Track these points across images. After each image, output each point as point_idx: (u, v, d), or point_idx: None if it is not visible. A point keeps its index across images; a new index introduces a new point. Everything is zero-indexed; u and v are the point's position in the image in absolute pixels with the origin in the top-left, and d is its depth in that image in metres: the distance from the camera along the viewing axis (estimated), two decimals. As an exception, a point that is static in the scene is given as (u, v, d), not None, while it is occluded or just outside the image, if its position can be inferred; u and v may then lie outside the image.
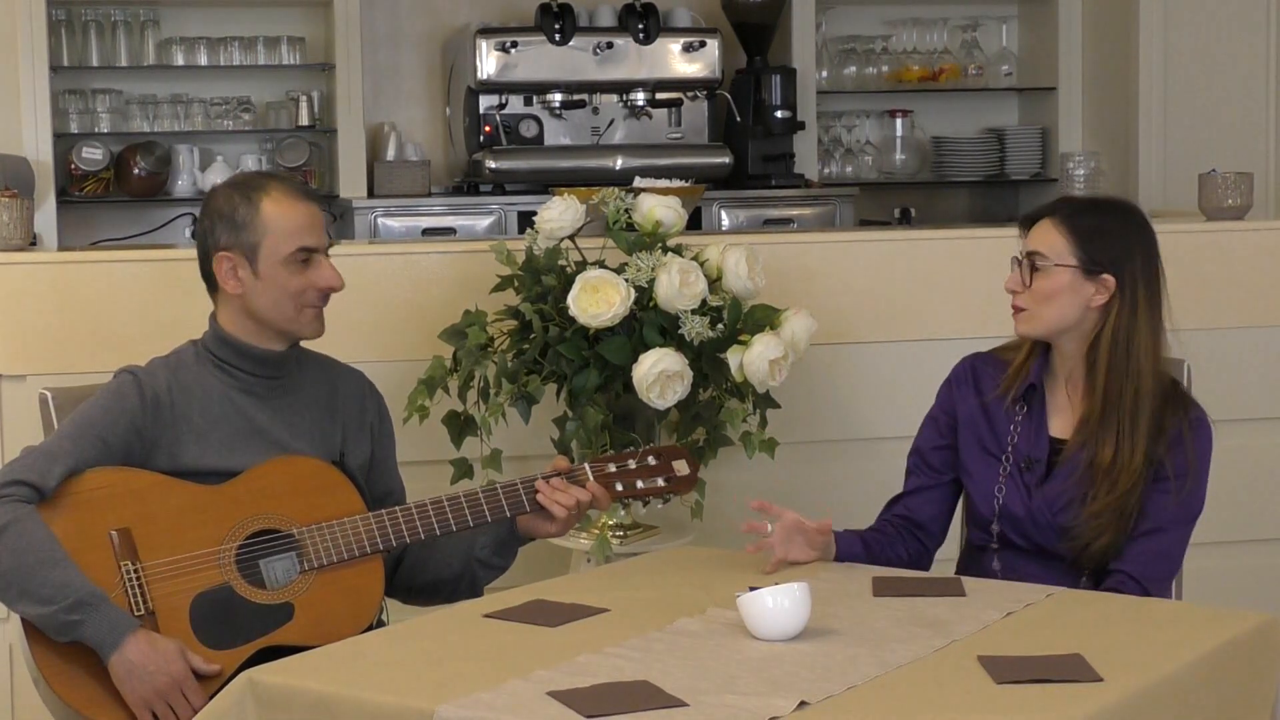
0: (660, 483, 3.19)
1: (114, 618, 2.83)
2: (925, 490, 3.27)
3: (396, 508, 3.07)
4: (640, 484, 3.18)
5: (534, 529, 3.15)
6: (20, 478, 2.89)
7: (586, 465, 3.16)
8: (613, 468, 3.17)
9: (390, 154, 6.61)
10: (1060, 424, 3.17)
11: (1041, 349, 3.18)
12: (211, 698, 2.56)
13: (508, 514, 3.10)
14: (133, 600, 2.88)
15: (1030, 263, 3.11)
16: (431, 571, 3.21)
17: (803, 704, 2.28)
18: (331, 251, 3.15)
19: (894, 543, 3.22)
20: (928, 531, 3.27)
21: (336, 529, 3.01)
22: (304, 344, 3.16)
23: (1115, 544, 3.08)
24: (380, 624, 3.13)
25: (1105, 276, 3.09)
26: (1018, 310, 3.14)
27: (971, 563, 3.23)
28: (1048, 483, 3.14)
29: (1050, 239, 3.11)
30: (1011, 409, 3.19)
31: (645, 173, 4.40)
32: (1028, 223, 3.17)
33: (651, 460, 3.19)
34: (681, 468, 3.21)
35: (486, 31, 6.45)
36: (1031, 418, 3.17)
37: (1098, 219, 3.13)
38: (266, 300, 3.06)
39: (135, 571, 2.89)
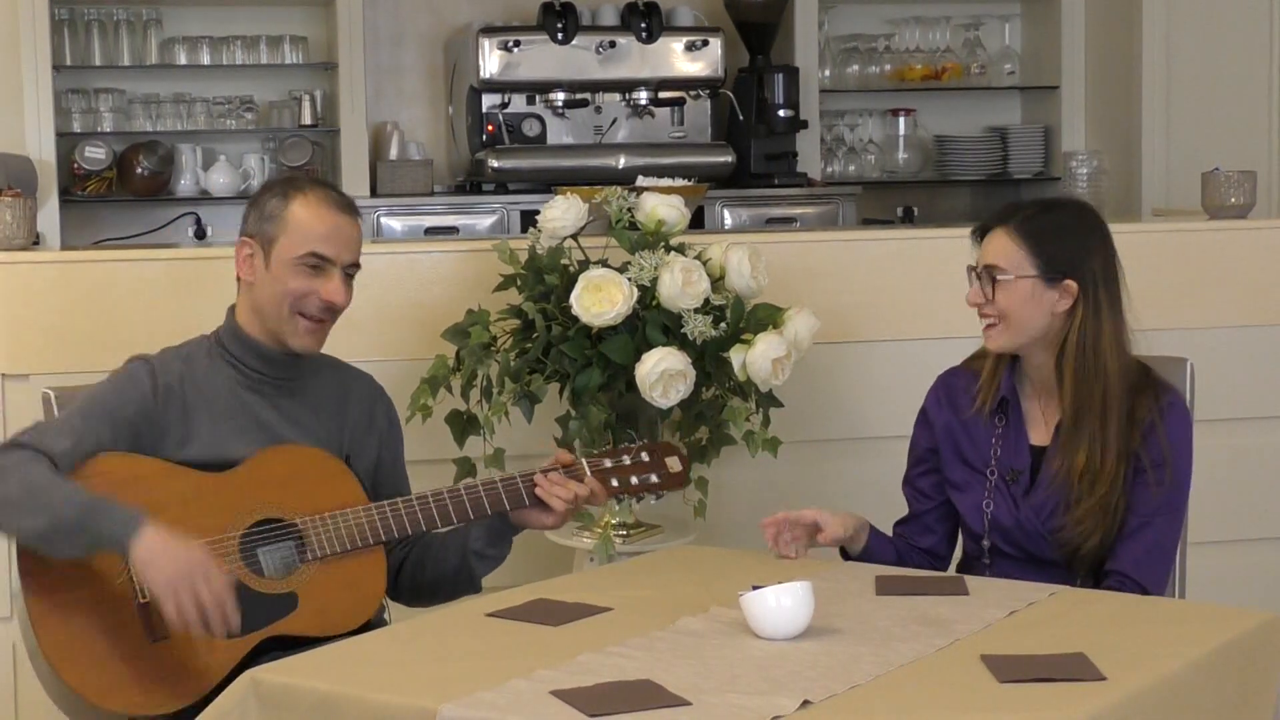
0: (653, 479, 3.21)
1: (126, 511, 2.82)
2: (922, 517, 3.29)
3: (399, 499, 3.07)
4: (634, 480, 3.20)
5: (530, 520, 3.16)
6: (25, 441, 2.91)
7: (584, 461, 3.17)
8: (608, 463, 3.18)
9: (393, 153, 6.62)
10: (1038, 432, 3.16)
11: (1009, 359, 3.17)
12: (215, 695, 2.56)
13: (507, 507, 3.11)
14: (139, 587, 2.88)
15: (989, 276, 3.08)
16: (431, 569, 3.21)
17: (806, 703, 2.28)
18: None
19: (914, 551, 3.26)
20: (935, 555, 3.29)
21: (339, 519, 3.01)
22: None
23: (1105, 542, 3.08)
24: (382, 622, 3.14)
25: (1067, 282, 3.07)
26: (987, 325, 3.11)
27: (970, 574, 3.22)
28: (1033, 492, 3.13)
29: (1007, 250, 3.07)
30: (989, 422, 3.18)
31: (648, 172, 4.40)
32: (980, 232, 3.14)
33: (644, 456, 3.22)
34: (674, 464, 3.23)
35: (489, 30, 6.45)
36: (1010, 429, 3.17)
37: (1052, 223, 3.09)
38: (267, 295, 3.07)
39: None
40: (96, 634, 2.85)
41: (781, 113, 6.63)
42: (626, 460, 3.20)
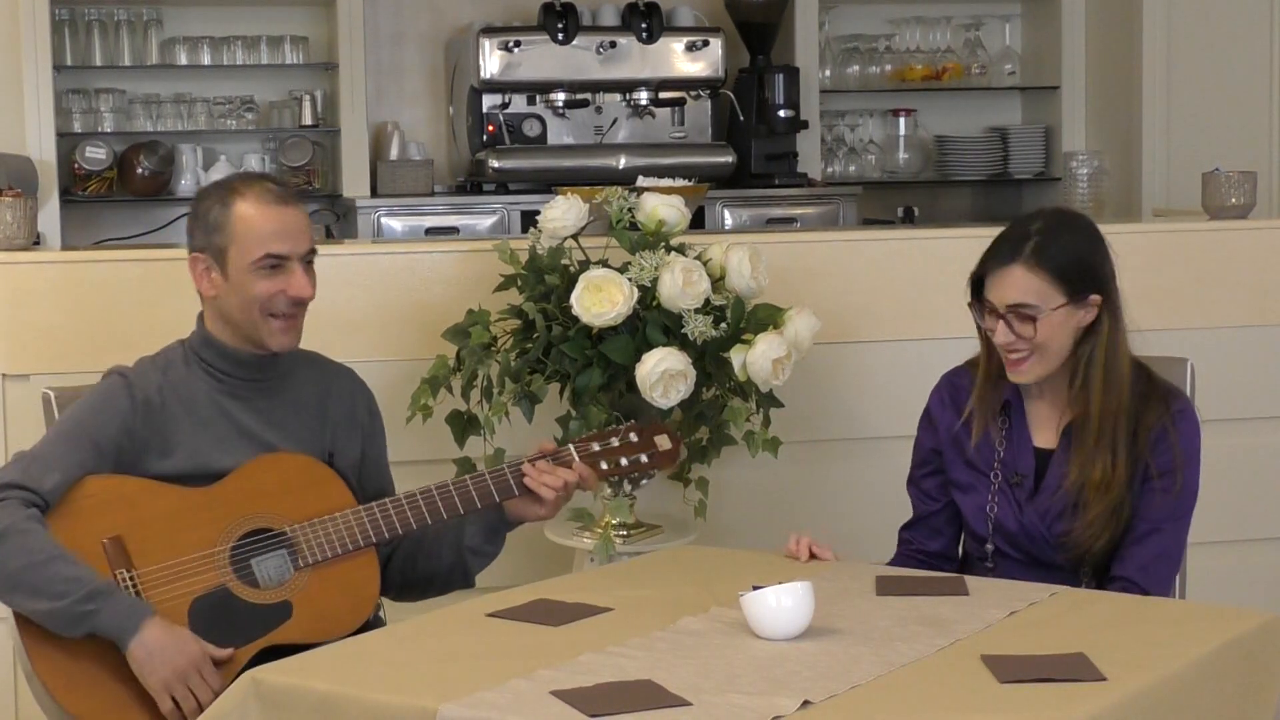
0: (643, 459, 3.20)
1: (129, 605, 2.83)
2: (929, 519, 3.27)
3: (387, 500, 3.06)
4: (624, 461, 3.19)
5: (523, 513, 3.15)
6: (15, 481, 2.90)
7: (571, 446, 3.16)
8: (596, 446, 3.17)
9: (393, 153, 6.61)
10: (1043, 435, 3.15)
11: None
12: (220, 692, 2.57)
13: (496, 499, 3.10)
14: None
15: (1019, 315, 3.02)
16: (423, 565, 3.20)
17: (806, 703, 2.28)
18: (333, 251, 3.15)
19: (925, 559, 3.24)
20: (945, 558, 3.27)
21: (329, 524, 3.00)
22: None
23: (1110, 546, 3.08)
24: (378, 621, 3.14)
25: (1092, 298, 3.06)
26: (1018, 359, 3.05)
27: (971, 574, 3.21)
28: (1038, 495, 3.13)
29: (1033, 286, 3.02)
30: (994, 425, 3.17)
31: (648, 172, 4.40)
32: (977, 279, 3.08)
33: (633, 437, 3.21)
34: (663, 442, 3.22)
35: (489, 31, 6.45)
36: (1013, 431, 3.16)
37: (1060, 243, 3.04)
38: (235, 304, 3.04)
39: (131, 578, 2.89)
40: (91, 655, 2.84)
41: (782, 113, 6.63)
42: (615, 442, 3.19)
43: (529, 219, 5.94)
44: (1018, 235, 3.08)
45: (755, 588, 2.60)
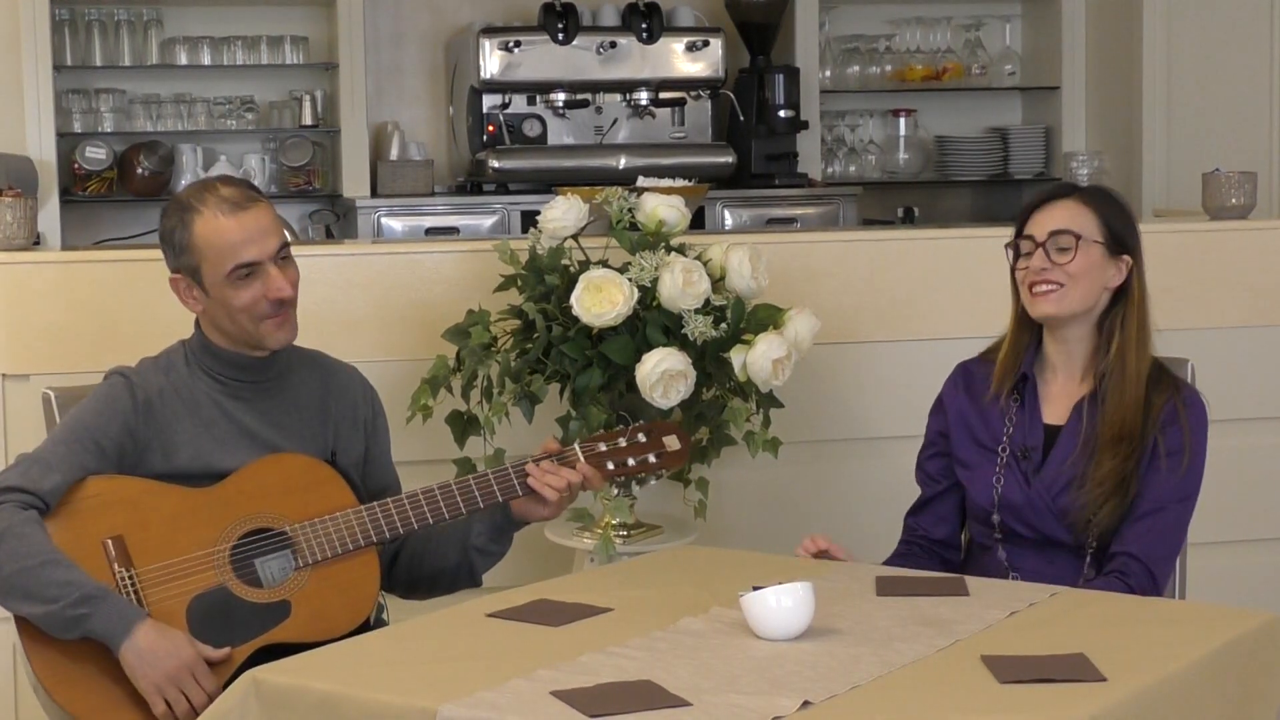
0: (651, 459, 3.18)
1: (121, 608, 2.83)
2: (936, 503, 3.28)
3: (389, 499, 3.06)
4: (631, 461, 3.17)
5: (527, 513, 3.15)
6: (15, 484, 2.90)
7: (577, 446, 3.15)
8: (603, 447, 3.16)
9: (394, 153, 6.62)
10: (1054, 411, 3.17)
11: (1033, 340, 3.18)
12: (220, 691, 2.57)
13: (499, 499, 3.09)
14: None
15: (1058, 243, 3.09)
16: (429, 564, 3.20)
17: (806, 704, 2.28)
18: (333, 251, 3.15)
19: (921, 564, 3.23)
20: (950, 546, 3.28)
21: (329, 524, 3.00)
22: (295, 342, 3.13)
23: (1116, 515, 3.08)
24: (381, 622, 3.14)
25: (1125, 258, 3.11)
26: (1048, 289, 3.10)
27: (975, 561, 3.22)
28: (1044, 468, 3.14)
29: (1080, 216, 3.10)
30: (1005, 403, 3.18)
31: (648, 172, 4.40)
32: (1031, 209, 3.15)
33: (641, 437, 3.19)
34: (672, 443, 3.20)
35: (490, 31, 6.46)
36: (1025, 407, 3.18)
37: (1109, 199, 3.16)
38: (223, 315, 3.04)
39: (130, 577, 2.89)
40: (89, 655, 2.85)
41: (782, 113, 6.63)
42: (623, 442, 3.17)
43: (529, 219, 5.94)
44: (1066, 184, 3.25)
45: (755, 588, 2.60)
